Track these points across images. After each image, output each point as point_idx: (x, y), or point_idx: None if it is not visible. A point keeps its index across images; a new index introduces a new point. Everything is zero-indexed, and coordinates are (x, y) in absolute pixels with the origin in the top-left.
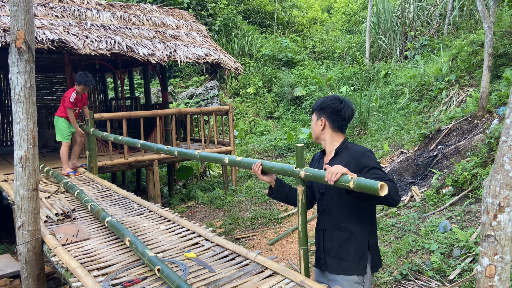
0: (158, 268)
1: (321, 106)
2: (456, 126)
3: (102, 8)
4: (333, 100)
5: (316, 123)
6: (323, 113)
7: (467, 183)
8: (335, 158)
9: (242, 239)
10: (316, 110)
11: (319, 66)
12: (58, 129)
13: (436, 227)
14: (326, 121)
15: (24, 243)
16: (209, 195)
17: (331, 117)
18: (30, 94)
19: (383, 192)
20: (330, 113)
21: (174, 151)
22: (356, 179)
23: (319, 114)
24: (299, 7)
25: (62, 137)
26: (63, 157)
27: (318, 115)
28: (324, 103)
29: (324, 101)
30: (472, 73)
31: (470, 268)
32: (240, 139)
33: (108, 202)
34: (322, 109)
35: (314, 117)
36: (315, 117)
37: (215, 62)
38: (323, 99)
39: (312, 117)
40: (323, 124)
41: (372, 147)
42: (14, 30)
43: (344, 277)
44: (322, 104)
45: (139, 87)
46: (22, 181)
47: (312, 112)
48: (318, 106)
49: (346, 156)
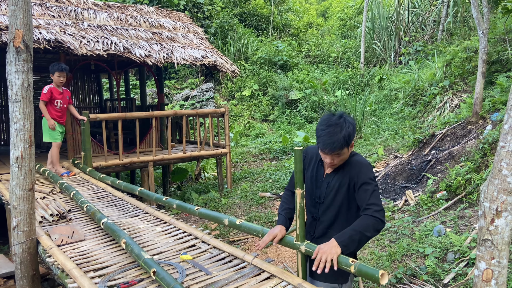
0: (154, 270)
1: (350, 137)
2: (450, 131)
3: (98, 9)
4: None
5: (348, 151)
6: (352, 139)
7: (461, 188)
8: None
9: (237, 241)
10: (347, 145)
11: (314, 70)
12: (46, 129)
13: (430, 231)
14: (353, 141)
15: (19, 244)
16: (204, 197)
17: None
18: (27, 93)
19: (383, 281)
20: (354, 133)
21: (173, 204)
22: (357, 265)
23: (350, 143)
24: (295, 11)
25: (51, 137)
26: (54, 158)
27: (349, 144)
28: (350, 133)
29: (348, 131)
30: (466, 79)
31: (464, 272)
32: (235, 141)
33: (103, 203)
34: (351, 138)
35: (344, 150)
36: (345, 149)
37: (212, 64)
38: (345, 131)
39: (340, 153)
40: (353, 145)
41: (367, 151)
42: (13, 29)
43: (326, 284)
44: (350, 135)
45: (134, 88)
46: (18, 181)
47: (341, 148)
48: (349, 140)
49: (343, 169)
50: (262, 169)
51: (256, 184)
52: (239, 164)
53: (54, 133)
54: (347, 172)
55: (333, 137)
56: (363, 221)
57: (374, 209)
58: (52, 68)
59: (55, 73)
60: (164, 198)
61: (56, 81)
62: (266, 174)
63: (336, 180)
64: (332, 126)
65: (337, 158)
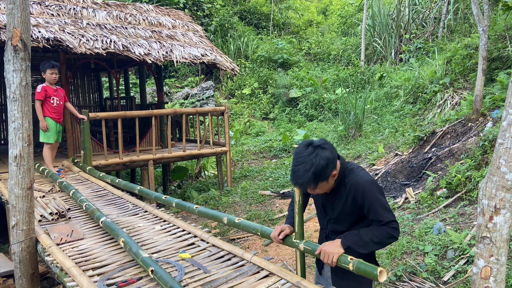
0: (152, 269)
1: (322, 171)
2: (450, 128)
3: (98, 7)
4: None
5: (329, 181)
6: (330, 171)
7: (461, 186)
8: (334, 191)
9: (237, 239)
10: (321, 181)
11: (315, 67)
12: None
13: (430, 229)
14: (335, 170)
15: (18, 243)
16: (204, 195)
17: (335, 162)
18: (25, 92)
19: (382, 278)
20: (333, 163)
21: (173, 203)
22: (356, 262)
23: (327, 176)
24: (295, 9)
25: (45, 137)
26: (47, 159)
27: (326, 177)
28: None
29: (317, 168)
30: (466, 76)
31: (464, 270)
32: (235, 140)
33: (103, 202)
34: (325, 173)
35: (322, 183)
36: (323, 183)
37: (211, 63)
38: (321, 162)
39: (315, 187)
40: (336, 173)
41: (367, 149)
42: (10, 28)
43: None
44: (320, 167)
45: (134, 86)
46: (17, 180)
47: (313, 186)
48: (319, 175)
49: (344, 189)
50: (262, 168)
51: (256, 182)
52: (239, 163)
53: (47, 134)
54: (349, 193)
55: (301, 177)
56: (374, 230)
57: (390, 225)
58: (43, 66)
59: (46, 71)
60: (164, 197)
61: (49, 78)
62: (266, 173)
63: (339, 201)
64: (301, 164)
65: (317, 190)
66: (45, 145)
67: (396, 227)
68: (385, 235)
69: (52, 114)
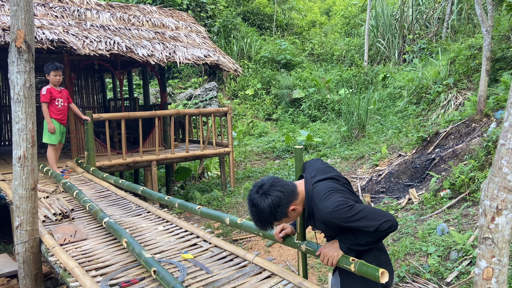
0: (154, 269)
1: (270, 215)
2: (454, 129)
3: (101, 9)
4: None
5: (290, 216)
6: (284, 207)
7: (465, 186)
8: (310, 216)
9: (240, 240)
10: (268, 222)
11: (318, 68)
12: (45, 130)
13: (434, 230)
14: (292, 205)
15: (22, 243)
16: (207, 196)
17: (288, 199)
18: (29, 93)
19: (383, 280)
20: (284, 201)
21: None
22: (357, 263)
23: (283, 215)
24: (298, 10)
25: (50, 139)
26: (50, 159)
27: (281, 215)
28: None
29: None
30: (470, 76)
31: (467, 271)
32: (238, 140)
33: (106, 203)
34: (271, 215)
35: (283, 220)
36: (284, 219)
37: (214, 64)
38: (266, 209)
39: (278, 224)
40: (296, 209)
41: (370, 149)
42: (14, 29)
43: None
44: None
45: (138, 87)
46: (21, 181)
47: (272, 224)
48: (269, 218)
49: (317, 215)
50: (265, 168)
51: None
52: (242, 163)
53: (52, 135)
54: (324, 221)
55: (256, 222)
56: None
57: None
58: (47, 68)
59: (50, 73)
60: (166, 197)
61: (53, 80)
62: (269, 173)
63: (318, 224)
64: (254, 211)
65: (284, 223)
66: (49, 146)
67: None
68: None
69: (57, 115)
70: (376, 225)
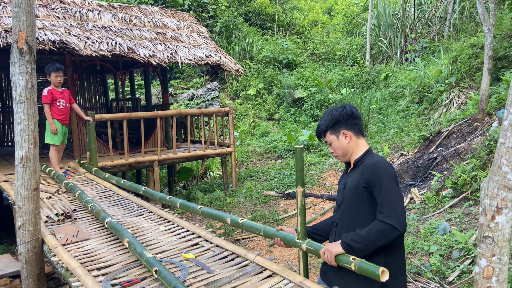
0: (156, 269)
1: (333, 121)
2: (456, 128)
3: (103, 10)
4: (339, 109)
5: (339, 140)
6: (340, 126)
7: (467, 185)
8: (353, 169)
9: (242, 240)
10: (330, 129)
11: (320, 68)
12: (48, 131)
13: (436, 229)
14: (348, 131)
15: (24, 243)
16: (209, 196)
17: (350, 124)
18: (31, 94)
19: (384, 278)
20: (346, 121)
21: (177, 203)
22: (358, 262)
23: (337, 130)
24: (300, 9)
25: (52, 139)
26: (53, 160)
27: (336, 131)
28: (334, 117)
29: (331, 116)
30: (472, 75)
31: (469, 270)
32: (240, 140)
33: (108, 203)
34: (336, 123)
35: (332, 137)
36: (333, 136)
37: (216, 64)
38: (329, 116)
39: (327, 139)
40: (347, 135)
41: (372, 148)
42: (16, 31)
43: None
44: (333, 119)
45: (139, 88)
46: (23, 181)
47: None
48: (330, 123)
49: (360, 169)
50: (267, 168)
51: (261, 183)
52: (244, 163)
53: (54, 136)
54: (362, 172)
55: (319, 126)
56: (371, 226)
57: (385, 214)
58: (48, 69)
59: (51, 74)
60: (168, 197)
61: (54, 81)
62: (271, 173)
63: (352, 180)
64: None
65: (331, 147)
66: (52, 146)
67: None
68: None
69: (59, 116)
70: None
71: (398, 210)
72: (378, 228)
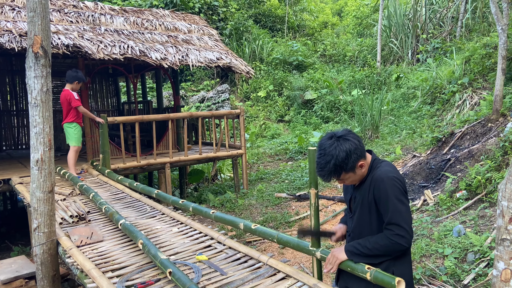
0: (170, 271)
1: (346, 160)
2: (470, 129)
3: (115, 14)
4: (344, 144)
5: (356, 173)
6: (354, 160)
7: (481, 187)
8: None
9: (254, 242)
10: (344, 170)
11: (330, 69)
12: (71, 135)
13: (450, 232)
14: (363, 160)
15: (39, 245)
16: (221, 198)
17: (361, 151)
18: (46, 98)
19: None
20: (358, 151)
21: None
22: (373, 272)
23: (352, 166)
24: (310, 11)
25: (75, 141)
26: (71, 161)
27: (352, 167)
28: (345, 156)
29: (339, 156)
30: (485, 76)
31: (484, 273)
32: (251, 142)
33: (122, 205)
34: (349, 161)
35: (349, 174)
36: (349, 174)
37: (227, 66)
38: (337, 156)
39: (342, 177)
40: (364, 164)
41: (384, 150)
42: (31, 35)
43: None
44: (345, 158)
45: (151, 91)
46: (38, 184)
47: (337, 176)
48: (345, 164)
49: (367, 183)
50: (278, 170)
51: (272, 184)
52: (255, 165)
53: (76, 137)
54: (369, 187)
55: (323, 169)
56: (378, 238)
57: (393, 232)
58: (73, 77)
59: (74, 82)
60: (181, 201)
61: (75, 88)
62: (282, 175)
63: (360, 195)
64: (323, 156)
65: (346, 181)
66: (72, 148)
67: (398, 233)
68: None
69: (79, 119)
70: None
71: (405, 227)
72: (384, 243)
